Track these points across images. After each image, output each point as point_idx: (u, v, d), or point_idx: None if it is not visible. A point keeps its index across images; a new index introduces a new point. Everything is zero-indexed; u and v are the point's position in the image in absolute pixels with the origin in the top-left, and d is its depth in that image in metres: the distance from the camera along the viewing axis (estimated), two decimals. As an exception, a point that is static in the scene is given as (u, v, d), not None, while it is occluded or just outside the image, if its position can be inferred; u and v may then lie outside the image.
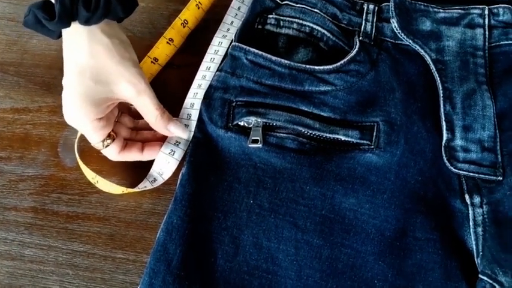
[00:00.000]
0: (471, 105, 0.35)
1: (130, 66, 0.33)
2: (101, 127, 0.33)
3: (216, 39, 0.39)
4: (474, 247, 0.31)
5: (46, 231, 0.35)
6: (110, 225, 0.35)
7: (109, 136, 0.34)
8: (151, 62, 0.40)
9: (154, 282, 0.30)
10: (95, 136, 0.33)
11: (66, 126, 0.39)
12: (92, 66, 0.31)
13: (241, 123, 0.35)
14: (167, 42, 0.40)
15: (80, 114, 0.32)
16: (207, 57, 0.38)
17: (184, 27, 0.41)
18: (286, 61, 0.36)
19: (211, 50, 0.39)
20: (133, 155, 0.35)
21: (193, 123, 0.36)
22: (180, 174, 0.34)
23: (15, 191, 0.37)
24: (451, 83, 0.36)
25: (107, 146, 0.34)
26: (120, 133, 0.35)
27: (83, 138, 0.38)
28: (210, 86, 0.36)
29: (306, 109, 0.35)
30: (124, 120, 0.37)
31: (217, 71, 0.37)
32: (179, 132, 0.35)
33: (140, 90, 0.33)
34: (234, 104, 0.35)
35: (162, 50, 0.40)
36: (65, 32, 0.32)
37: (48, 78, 0.42)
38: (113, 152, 0.34)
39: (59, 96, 0.33)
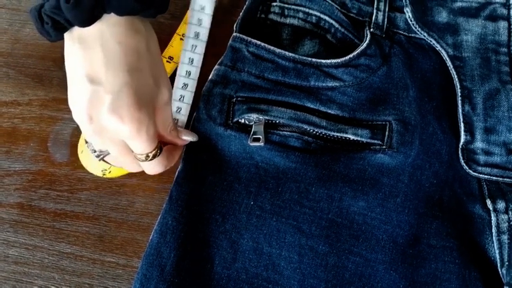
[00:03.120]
0: (494, 106, 0.33)
1: (165, 69, 0.30)
2: (156, 130, 0.28)
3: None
4: (498, 256, 0.29)
5: (32, 230, 0.34)
6: (100, 225, 0.34)
7: (157, 145, 0.29)
8: (167, 61, 0.38)
9: (146, 290, 0.28)
10: (152, 142, 0.28)
11: (57, 121, 0.37)
12: (149, 61, 0.27)
13: (242, 121, 0.33)
14: (181, 39, 0.38)
15: (144, 116, 0.26)
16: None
17: None
18: (290, 54, 0.34)
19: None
20: (172, 161, 0.31)
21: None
22: (176, 172, 0.33)
23: (0, 186, 0.36)
24: (470, 82, 0.34)
25: (151, 158, 0.29)
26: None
27: (74, 133, 0.37)
28: (209, 81, 0.35)
29: (311, 106, 0.33)
30: None
31: (217, 64, 0.35)
32: (191, 138, 0.32)
33: (170, 98, 0.29)
34: (234, 100, 0.33)
35: (177, 47, 0.38)
36: (115, 22, 0.27)
37: (41, 70, 0.40)
38: (158, 164, 0.30)
39: (52, 89, 0.31)
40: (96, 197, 0.34)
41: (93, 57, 0.26)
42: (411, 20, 0.35)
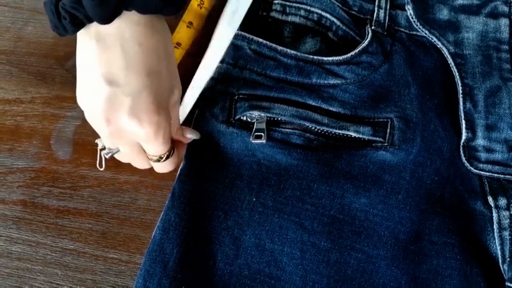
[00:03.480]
0: (496, 103, 0.33)
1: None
2: (170, 135, 0.28)
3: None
4: (499, 252, 0.29)
5: (35, 227, 0.34)
6: (102, 222, 0.34)
7: (170, 147, 0.29)
8: (174, 47, 0.37)
9: (149, 286, 0.28)
10: (166, 145, 0.28)
11: (60, 119, 0.38)
12: (168, 64, 0.27)
13: (244, 118, 0.33)
14: (187, 26, 0.38)
15: (162, 120, 0.26)
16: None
17: (201, 8, 0.38)
18: (292, 51, 0.34)
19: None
20: (180, 159, 0.32)
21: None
22: (179, 169, 0.32)
23: (3, 183, 0.36)
24: (471, 79, 0.34)
25: (164, 159, 0.29)
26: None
27: (77, 131, 0.37)
28: (212, 79, 0.35)
29: (313, 103, 0.33)
30: None
31: (218, 62, 0.35)
32: (194, 136, 0.32)
33: (179, 98, 0.29)
34: (236, 98, 0.33)
35: (184, 34, 0.37)
36: (136, 21, 0.25)
37: (43, 68, 0.40)
38: (169, 164, 0.30)
39: (54, 86, 0.31)
40: (98, 194, 0.34)
41: (111, 57, 0.25)
42: (412, 18, 0.35)
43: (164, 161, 0.29)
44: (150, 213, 0.34)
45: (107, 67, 0.25)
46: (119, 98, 0.25)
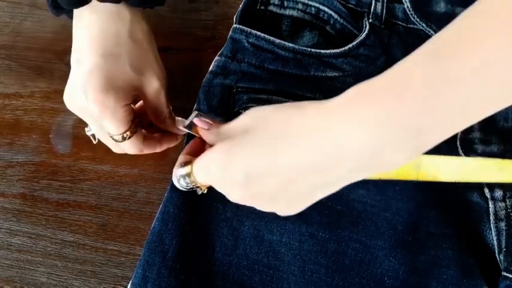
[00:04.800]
0: None
1: (159, 59, 0.30)
2: (128, 114, 0.29)
3: None
4: (495, 243, 0.29)
5: (35, 219, 0.34)
6: (102, 214, 0.34)
7: (129, 128, 0.29)
8: None
9: (149, 275, 0.28)
10: (120, 126, 0.28)
11: (59, 113, 0.38)
12: (130, 49, 0.28)
13: (243, 111, 0.33)
14: None
15: (109, 99, 0.27)
16: None
17: None
18: (290, 44, 0.34)
19: None
20: (153, 146, 0.32)
21: None
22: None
23: (3, 176, 0.36)
24: None
25: (127, 138, 0.29)
26: (139, 126, 0.31)
27: (76, 125, 0.37)
28: (210, 72, 0.35)
29: (311, 96, 0.33)
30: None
31: (217, 55, 0.35)
32: (186, 129, 0.32)
33: (162, 86, 0.30)
34: (234, 91, 0.33)
35: None
36: (101, 8, 0.28)
37: (42, 62, 0.40)
38: (136, 144, 0.30)
39: (53, 81, 0.31)
40: (98, 187, 0.35)
41: (80, 37, 0.29)
42: (410, 11, 0.35)
43: (124, 141, 0.29)
44: (149, 206, 0.34)
45: (77, 46, 0.29)
46: (78, 75, 0.28)
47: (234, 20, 0.36)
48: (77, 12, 0.29)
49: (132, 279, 0.29)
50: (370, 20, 0.36)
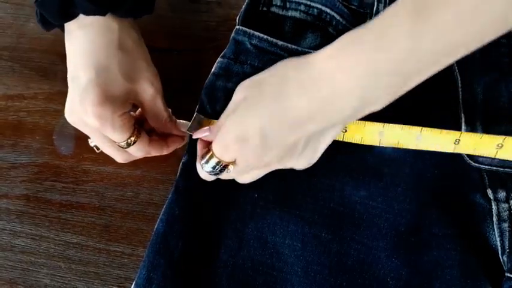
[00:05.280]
0: (495, 97, 0.33)
1: (151, 65, 0.31)
2: (128, 121, 0.29)
3: None
4: (499, 244, 0.29)
5: (38, 220, 0.34)
6: (105, 216, 0.34)
7: (133, 133, 0.30)
8: None
9: (153, 277, 0.28)
10: (122, 134, 0.29)
11: (62, 114, 0.37)
12: (121, 60, 0.29)
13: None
14: None
15: (106, 111, 0.28)
16: None
17: None
18: (293, 46, 0.34)
19: None
20: (159, 149, 0.33)
21: None
22: (181, 164, 0.33)
23: (6, 178, 0.36)
24: (470, 73, 0.34)
25: (132, 144, 0.30)
26: (143, 131, 0.32)
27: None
28: (212, 74, 0.35)
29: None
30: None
31: (219, 57, 0.35)
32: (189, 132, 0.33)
33: (157, 91, 0.31)
34: None
35: None
36: (89, 21, 0.29)
37: (45, 64, 0.40)
38: (141, 148, 0.31)
39: (56, 82, 0.31)
40: (101, 188, 0.35)
41: (72, 53, 0.30)
42: (412, 12, 0.35)
43: (129, 147, 0.30)
44: (152, 207, 0.34)
45: (70, 58, 0.30)
46: (75, 91, 0.29)
47: (237, 21, 0.36)
48: (66, 26, 0.30)
49: (136, 280, 0.29)
50: (373, 22, 0.36)
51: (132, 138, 0.30)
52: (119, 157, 0.32)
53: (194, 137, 0.30)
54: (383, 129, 0.30)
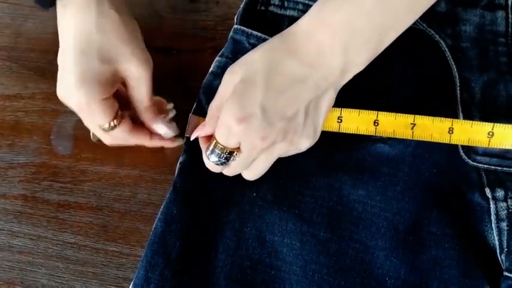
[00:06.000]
0: (492, 96, 0.33)
1: (139, 47, 0.30)
2: (108, 106, 0.29)
3: None
4: (497, 243, 0.29)
5: (36, 220, 0.34)
6: (103, 216, 0.34)
7: (114, 117, 0.30)
8: None
9: (151, 276, 0.28)
10: (101, 117, 0.29)
11: (60, 114, 0.38)
12: (99, 43, 0.28)
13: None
14: None
15: (82, 96, 0.28)
16: None
17: None
18: (291, 45, 0.34)
19: None
20: (142, 138, 0.32)
21: None
22: (179, 163, 0.33)
23: (4, 178, 0.36)
24: (468, 72, 0.34)
25: (113, 128, 0.30)
26: (126, 116, 0.31)
27: (78, 127, 0.37)
28: (211, 73, 0.35)
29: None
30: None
31: (217, 56, 0.35)
32: (163, 131, 0.32)
33: (141, 76, 0.30)
34: None
35: None
36: (67, 1, 0.29)
37: (43, 64, 0.40)
38: (122, 133, 0.31)
39: (54, 82, 0.31)
40: (99, 188, 0.35)
41: (59, 33, 0.30)
42: (410, 11, 0.35)
43: (111, 131, 0.30)
44: (150, 207, 0.34)
45: (60, 42, 0.30)
46: (59, 72, 0.30)
47: (235, 20, 0.36)
48: (58, 8, 0.30)
49: (134, 280, 0.29)
50: (371, 21, 0.36)
51: (113, 123, 0.30)
52: (104, 139, 0.32)
53: (192, 137, 0.30)
54: (378, 118, 0.30)
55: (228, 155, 0.27)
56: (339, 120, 0.30)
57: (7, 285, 0.32)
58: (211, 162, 0.28)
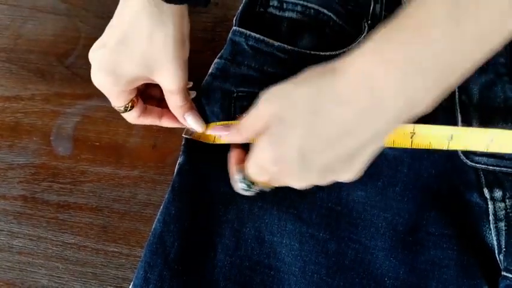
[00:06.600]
0: (490, 97, 0.33)
1: (180, 66, 0.29)
2: (127, 95, 0.31)
3: None
4: (495, 243, 0.29)
5: (36, 221, 0.34)
6: (103, 216, 0.34)
7: (131, 101, 0.32)
8: None
9: (150, 277, 0.28)
10: (118, 102, 0.31)
11: (59, 115, 0.38)
12: (145, 49, 0.28)
13: (244, 116, 0.33)
14: None
15: (106, 83, 0.30)
16: None
17: None
18: (289, 47, 0.34)
19: None
20: (151, 120, 0.34)
21: None
22: (177, 164, 0.33)
23: (3, 179, 0.36)
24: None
25: (127, 110, 0.32)
26: (140, 101, 0.33)
27: (77, 128, 0.37)
28: (210, 75, 0.35)
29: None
30: (153, 91, 0.35)
31: (216, 58, 0.35)
32: (195, 125, 0.33)
33: (179, 89, 0.31)
34: (235, 95, 0.34)
35: None
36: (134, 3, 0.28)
37: (43, 65, 0.40)
38: (133, 117, 0.33)
39: (54, 83, 0.31)
40: (99, 189, 0.35)
41: (119, 11, 0.29)
42: (408, 12, 0.35)
43: (124, 112, 0.32)
44: (149, 207, 0.34)
45: (113, 20, 0.30)
46: (98, 41, 0.30)
47: (234, 22, 0.36)
48: None
49: (134, 281, 0.29)
50: (369, 22, 0.36)
51: (129, 105, 0.32)
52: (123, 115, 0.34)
53: (209, 132, 0.31)
54: None
55: (258, 188, 0.27)
56: None
57: (7, 285, 0.32)
58: (239, 188, 0.28)
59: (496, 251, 0.29)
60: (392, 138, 0.30)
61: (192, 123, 0.33)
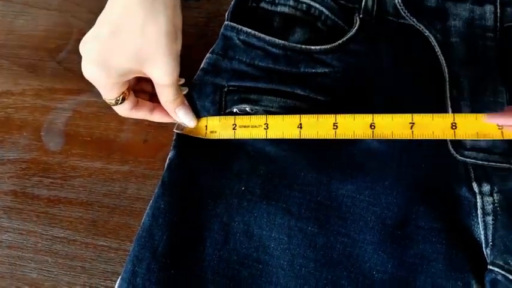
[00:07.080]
0: (480, 91, 0.33)
1: (172, 59, 0.30)
2: (118, 87, 0.31)
3: None
4: (483, 237, 0.29)
5: (26, 216, 0.34)
6: (93, 211, 0.34)
7: (122, 94, 0.31)
8: None
9: (138, 270, 0.28)
10: (109, 94, 0.31)
11: (50, 110, 0.38)
12: (135, 44, 0.28)
13: (234, 111, 0.33)
14: None
15: (100, 75, 0.29)
16: None
17: None
18: (280, 41, 0.34)
19: None
20: (142, 114, 0.34)
21: None
22: (168, 159, 0.33)
23: (-7, 174, 0.36)
24: (457, 67, 0.34)
25: (118, 103, 0.32)
26: (132, 94, 0.33)
27: (68, 123, 0.37)
28: (201, 69, 0.35)
29: (302, 93, 0.33)
30: (145, 85, 0.35)
31: (208, 53, 0.35)
32: (186, 120, 0.33)
33: (171, 82, 0.31)
34: (226, 90, 0.34)
35: None
36: None
37: (35, 60, 0.40)
38: (124, 110, 0.33)
39: (45, 78, 0.31)
40: (89, 183, 0.35)
41: (110, 4, 0.30)
42: (400, 6, 0.35)
43: (115, 105, 0.32)
44: (139, 202, 0.34)
45: (106, 9, 0.30)
46: (90, 32, 0.30)
47: (226, 17, 0.36)
48: None
49: (122, 274, 0.29)
50: (361, 16, 0.36)
51: (120, 98, 0.32)
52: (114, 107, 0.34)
53: (487, 121, 0.29)
54: (373, 120, 0.30)
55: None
56: (335, 127, 0.31)
57: (-3, 280, 0.32)
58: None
59: (483, 245, 0.29)
60: (391, 130, 0.30)
61: (183, 117, 0.33)
